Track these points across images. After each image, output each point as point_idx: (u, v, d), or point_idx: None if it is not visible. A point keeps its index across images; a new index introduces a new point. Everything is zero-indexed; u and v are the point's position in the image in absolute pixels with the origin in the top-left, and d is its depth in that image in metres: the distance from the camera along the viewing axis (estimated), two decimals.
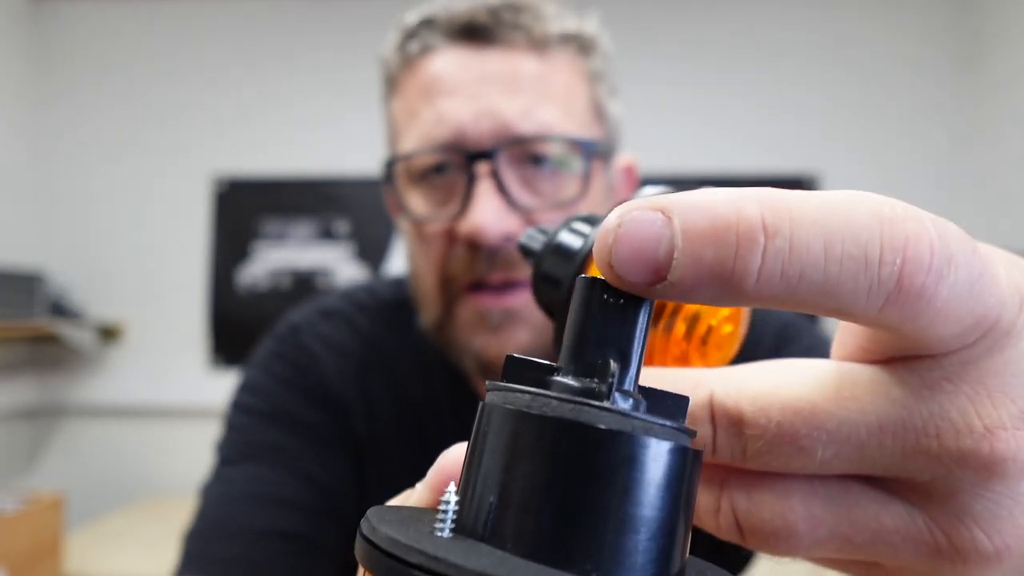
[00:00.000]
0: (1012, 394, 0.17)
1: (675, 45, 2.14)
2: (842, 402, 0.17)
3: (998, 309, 0.16)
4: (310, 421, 0.65)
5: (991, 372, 0.17)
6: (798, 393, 0.18)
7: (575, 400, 0.14)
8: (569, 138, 0.58)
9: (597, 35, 0.63)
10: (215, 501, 0.62)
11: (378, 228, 2.16)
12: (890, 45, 2.10)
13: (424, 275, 0.61)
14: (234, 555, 0.58)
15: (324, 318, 0.71)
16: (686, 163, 2.08)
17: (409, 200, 0.61)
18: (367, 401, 0.67)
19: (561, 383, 0.15)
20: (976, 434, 0.16)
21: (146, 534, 1.68)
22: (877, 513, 0.18)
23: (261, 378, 0.68)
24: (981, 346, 0.16)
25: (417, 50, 0.60)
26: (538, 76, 0.58)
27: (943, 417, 0.16)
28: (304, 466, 0.63)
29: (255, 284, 2.16)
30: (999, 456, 0.16)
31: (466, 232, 0.55)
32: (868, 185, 1.81)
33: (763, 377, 0.18)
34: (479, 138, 0.56)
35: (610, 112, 0.64)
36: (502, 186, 0.56)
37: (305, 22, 2.20)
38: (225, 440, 0.66)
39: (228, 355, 2.14)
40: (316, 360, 0.67)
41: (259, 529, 0.59)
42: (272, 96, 2.19)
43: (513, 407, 0.15)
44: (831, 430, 0.17)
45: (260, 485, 0.61)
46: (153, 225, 2.20)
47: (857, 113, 2.09)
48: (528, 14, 0.59)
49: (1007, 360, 0.17)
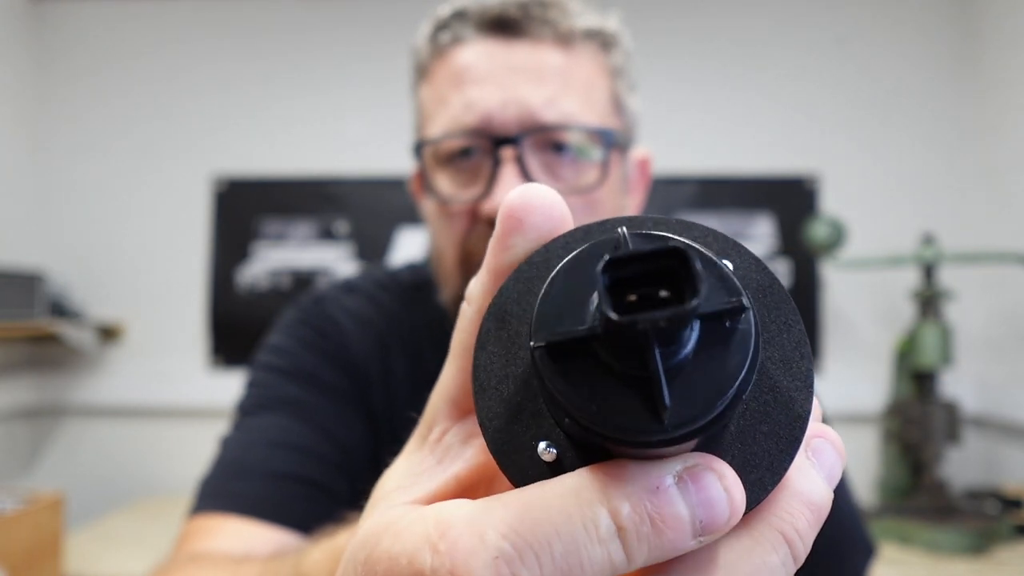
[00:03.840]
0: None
1: (675, 45, 2.14)
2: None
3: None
4: (331, 382, 0.67)
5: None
6: None
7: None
8: (590, 128, 0.61)
9: (619, 32, 0.66)
10: (233, 446, 0.64)
11: (378, 228, 2.16)
12: (891, 45, 2.10)
13: (445, 250, 0.64)
14: (251, 492, 0.59)
15: (347, 292, 0.74)
16: (686, 163, 2.08)
17: (436, 181, 0.63)
18: (385, 374, 0.69)
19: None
20: None
21: (146, 534, 1.68)
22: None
23: (285, 341, 0.70)
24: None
25: (448, 40, 0.63)
26: (562, 69, 0.61)
27: None
28: (322, 420, 0.65)
29: (255, 284, 2.16)
30: None
31: (489, 212, 0.58)
32: (868, 185, 1.82)
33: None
34: (505, 125, 0.59)
35: (629, 106, 0.67)
36: (525, 171, 0.59)
37: (305, 22, 2.20)
38: (246, 396, 0.68)
39: (228, 355, 2.14)
40: (339, 328, 0.70)
41: (276, 471, 0.61)
42: (272, 96, 2.19)
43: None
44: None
45: (278, 432, 0.63)
46: (153, 225, 2.19)
47: (858, 113, 2.09)
48: (555, 10, 0.62)
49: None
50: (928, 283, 1.76)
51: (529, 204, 0.20)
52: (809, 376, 0.19)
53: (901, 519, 1.59)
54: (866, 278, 2.01)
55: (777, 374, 0.19)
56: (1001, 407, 1.88)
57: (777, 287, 0.20)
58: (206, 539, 0.56)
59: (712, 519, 0.17)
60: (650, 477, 0.17)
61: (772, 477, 0.18)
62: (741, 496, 0.17)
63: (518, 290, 0.20)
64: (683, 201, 2.09)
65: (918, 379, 1.72)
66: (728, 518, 0.17)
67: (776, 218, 2.08)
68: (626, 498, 0.16)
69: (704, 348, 0.17)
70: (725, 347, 0.17)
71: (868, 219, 2.01)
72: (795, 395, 0.19)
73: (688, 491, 0.17)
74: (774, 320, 0.19)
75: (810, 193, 2.08)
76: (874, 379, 1.99)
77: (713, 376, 0.16)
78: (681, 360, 0.16)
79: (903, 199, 2.06)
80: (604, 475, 0.17)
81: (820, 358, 2.06)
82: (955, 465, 1.88)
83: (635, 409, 0.16)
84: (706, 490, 0.17)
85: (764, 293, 0.20)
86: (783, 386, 0.19)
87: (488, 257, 0.22)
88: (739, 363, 0.16)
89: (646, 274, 0.16)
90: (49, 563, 1.49)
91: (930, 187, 2.06)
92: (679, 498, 0.16)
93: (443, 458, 0.23)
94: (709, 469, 0.17)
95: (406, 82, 0.69)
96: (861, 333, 2.06)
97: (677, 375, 0.16)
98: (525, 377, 0.20)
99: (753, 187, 2.09)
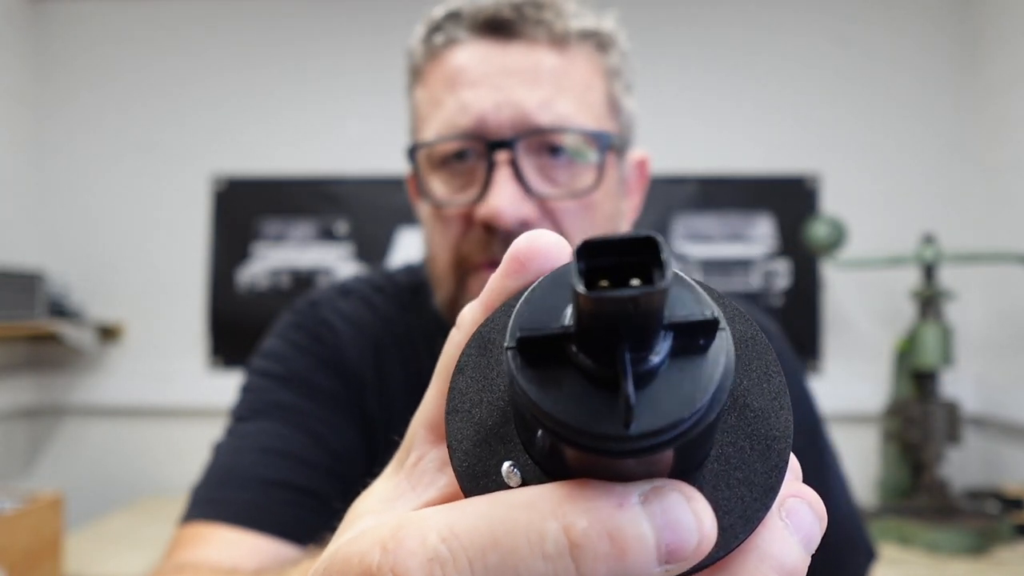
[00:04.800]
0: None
1: (674, 45, 2.14)
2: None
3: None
4: (325, 387, 0.67)
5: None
6: None
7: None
8: (585, 130, 0.60)
9: (615, 33, 0.65)
10: (225, 453, 0.64)
11: (378, 228, 2.15)
12: (891, 46, 2.10)
13: (440, 253, 0.63)
14: (241, 500, 0.59)
15: (342, 295, 0.74)
16: (686, 163, 2.08)
17: (430, 184, 0.63)
18: (380, 378, 0.69)
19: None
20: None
21: (146, 534, 1.68)
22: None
23: (279, 345, 0.70)
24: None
25: (442, 42, 0.62)
26: (557, 70, 0.60)
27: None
28: (316, 427, 0.64)
29: (255, 284, 2.16)
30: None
31: (484, 216, 0.58)
32: (868, 185, 1.81)
33: None
34: (499, 127, 0.58)
35: (625, 107, 0.66)
36: (520, 174, 0.58)
37: (305, 23, 2.20)
38: (240, 401, 0.68)
39: (228, 355, 2.14)
40: (334, 332, 0.70)
41: (267, 479, 0.60)
42: (272, 96, 2.19)
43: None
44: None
45: (271, 439, 0.63)
46: (153, 225, 2.19)
47: (858, 114, 2.09)
48: (550, 11, 0.61)
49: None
50: (928, 283, 1.76)
51: (534, 249, 0.20)
52: (788, 428, 0.19)
53: (901, 519, 1.59)
54: (866, 278, 2.01)
55: (756, 422, 0.19)
56: (1001, 407, 1.88)
57: (760, 339, 0.20)
58: (195, 548, 0.56)
59: (679, 544, 0.16)
60: (613, 494, 0.16)
61: (745, 526, 0.18)
62: (712, 524, 0.16)
63: (503, 321, 0.21)
64: (683, 201, 2.09)
65: (918, 379, 1.72)
66: (696, 545, 0.16)
67: (776, 218, 2.08)
68: (584, 513, 0.15)
69: (676, 361, 0.16)
70: (698, 363, 0.16)
71: (868, 219, 2.01)
72: (773, 444, 0.19)
73: (654, 511, 0.16)
74: (755, 369, 0.19)
75: (810, 193, 2.08)
76: (874, 379, 1.98)
77: (683, 389, 0.16)
78: (652, 367, 0.16)
79: (903, 199, 2.06)
80: (565, 489, 0.16)
81: (820, 358, 2.06)
82: (955, 465, 1.88)
83: (601, 412, 0.16)
84: (673, 511, 0.16)
85: (746, 344, 0.20)
86: (761, 434, 0.19)
87: (484, 291, 0.22)
88: (709, 378, 0.16)
89: (619, 267, 0.16)
90: (49, 563, 1.48)
91: (930, 187, 2.06)
92: (643, 517, 0.16)
93: (417, 484, 0.23)
94: (677, 491, 0.16)
95: (404, 82, 0.69)
96: (861, 333, 2.06)
97: (647, 383, 0.16)
98: (500, 404, 0.20)
99: (753, 187, 2.08)
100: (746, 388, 0.19)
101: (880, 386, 1.95)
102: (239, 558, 0.55)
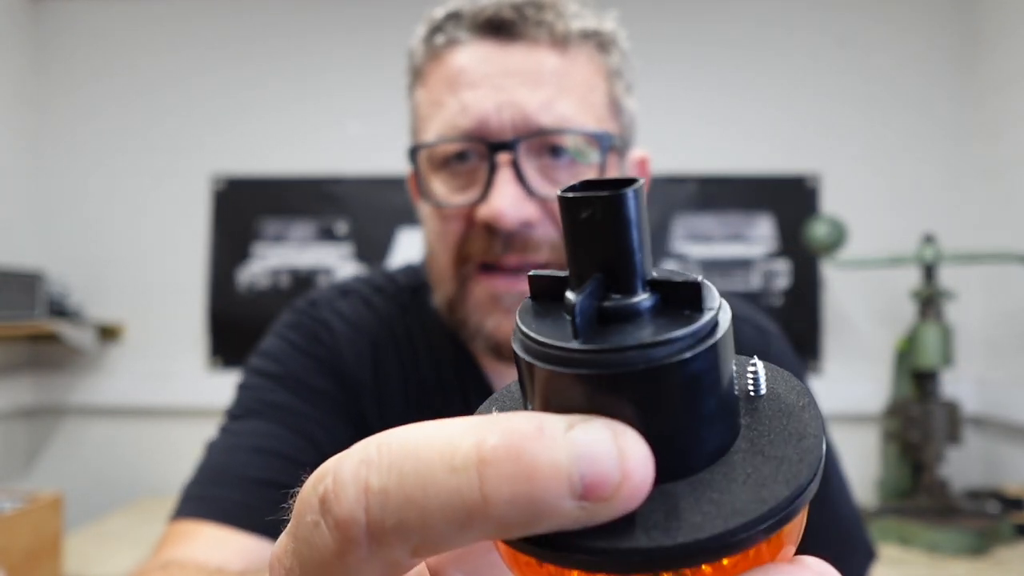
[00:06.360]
0: None
1: (675, 45, 2.14)
2: None
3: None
4: (320, 388, 0.67)
5: None
6: None
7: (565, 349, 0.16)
8: (586, 131, 0.60)
9: (615, 33, 0.66)
10: (217, 452, 0.64)
11: (378, 228, 2.15)
12: (891, 45, 2.10)
13: (440, 254, 0.63)
14: (231, 499, 0.59)
15: (341, 295, 0.73)
16: (686, 163, 2.08)
17: (431, 185, 0.63)
18: (378, 380, 0.69)
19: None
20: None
21: (146, 534, 1.68)
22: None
23: (276, 345, 0.70)
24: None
25: (443, 43, 0.62)
26: (558, 71, 0.60)
27: None
28: (310, 428, 0.64)
29: (255, 284, 2.16)
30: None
31: (485, 217, 0.58)
32: (868, 185, 1.81)
33: None
34: (501, 129, 0.58)
35: (626, 108, 0.66)
36: (521, 175, 0.58)
37: (306, 22, 2.20)
38: (234, 400, 0.68)
39: (227, 355, 2.14)
40: (332, 332, 0.70)
41: (258, 478, 0.60)
42: (272, 96, 2.19)
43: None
44: None
45: (264, 439, 0.63)
46: (153, 225, 2.19)
47: (858, 114, 2.09)
48: (551, 11, 0.61)
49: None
50: (928, 283, 1.75)
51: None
52: (819, 424, 0.17)
53: (901, 519, 1.59)
54: (866, 278, 2.01)
55: (785, 416, 0.18)
56: (1001, 407, 1.88)
57: (812, 407, 0.18)
58: (182, 545, 0.56)
59: (596, 478, 0.14)
60: (536, 419, 0.15)
61: (788, 486, 0.16)
62: (640, 464, 0.15)
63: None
64: (683, 201, 2.09)
65: (918, 379, 1.72)
66: (617, 484, 0.14)
67: (776, 218, 2.08)
68: (500, 432, 0.15)
69: (657, 317, 0.16)
70: (676, 320, 0.16)
71: (868, 219, 2.01)
72: (804, 440, 0.17)
73: (575, 439, 0.14)
74: (785, 427, 0.18)
75: (810, 193, 2.08)
76: (874, 379, 1.98)
77: (644, 330, 0.16)
78: (624, 306, 0.16)
79: (903, 199, 2.06)
80: (496, 415, 0.15)
81: (820, 358, 2.06)
82: (955, 465, 1.88)
83: (564, 332, 0.16)
84: (593, 444, 0.14)
85: (790, 412, 0.18)
86: (793, 431, 0.17)
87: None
88: (678, 328, 0.16)
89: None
90: (48, 563, 1.48)
91: (930, 187, 2.06)
92: (560, 444, 0.14)
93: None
94: (605, 424, 0.15)
95: (405, 83, 0.69)
96: (861, 333, 2.06)
97: (623, 321, 0.16)
98: (517, 396, 0.20)
99: (753, 187, 2.08)
100: (776, 392, 0.18)
101: (880, 386, 1.95)
102: (226, 557, 0.55)
